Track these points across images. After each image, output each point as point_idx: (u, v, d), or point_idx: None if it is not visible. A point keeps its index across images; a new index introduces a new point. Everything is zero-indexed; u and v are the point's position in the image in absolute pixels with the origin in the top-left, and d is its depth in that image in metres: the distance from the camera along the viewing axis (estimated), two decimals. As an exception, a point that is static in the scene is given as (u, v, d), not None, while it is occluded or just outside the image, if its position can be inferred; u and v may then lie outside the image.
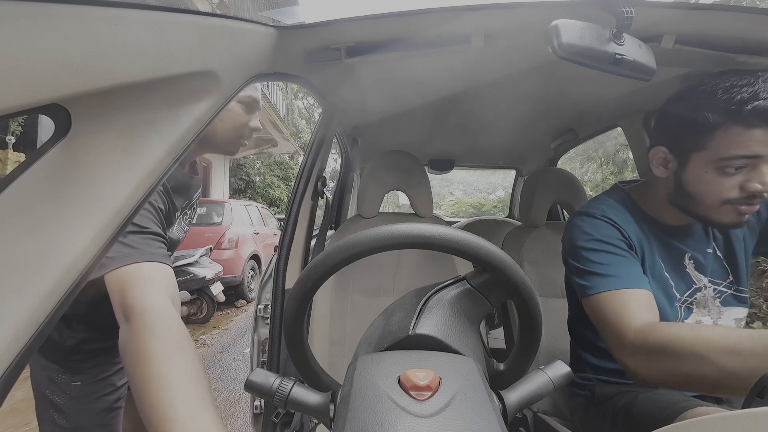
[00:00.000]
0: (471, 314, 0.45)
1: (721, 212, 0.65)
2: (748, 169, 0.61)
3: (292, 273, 1.09)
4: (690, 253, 0.76)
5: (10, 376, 0.30)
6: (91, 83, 0.31)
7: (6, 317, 0.29)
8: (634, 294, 0.65)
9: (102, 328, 0.77)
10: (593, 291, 0.68)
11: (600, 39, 0.50)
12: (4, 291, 0.29)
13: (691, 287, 0.75)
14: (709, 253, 0.77)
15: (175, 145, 0.41)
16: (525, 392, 0.40)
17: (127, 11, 0.33)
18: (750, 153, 0.60)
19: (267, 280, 1.18)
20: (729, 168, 0.62)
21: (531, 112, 1.33)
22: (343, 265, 0.42)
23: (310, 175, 1.13)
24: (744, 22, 0.63)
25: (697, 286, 0.75)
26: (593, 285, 0.69)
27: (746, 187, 0.62)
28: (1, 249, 0.30)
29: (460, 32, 0.66)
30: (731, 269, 0.77)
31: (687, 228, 0.77)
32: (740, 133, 0.60)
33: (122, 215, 0.37)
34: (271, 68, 0.62)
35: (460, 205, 11.83)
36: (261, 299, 1.16)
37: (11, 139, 3.36)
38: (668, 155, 0.70)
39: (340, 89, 1.04)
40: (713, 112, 0.61)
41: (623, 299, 0.65)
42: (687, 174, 0.67)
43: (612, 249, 0.71)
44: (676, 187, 0.70)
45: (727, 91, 0.60)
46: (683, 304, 0.74)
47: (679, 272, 0.76)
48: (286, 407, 0.40)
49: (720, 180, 0.63)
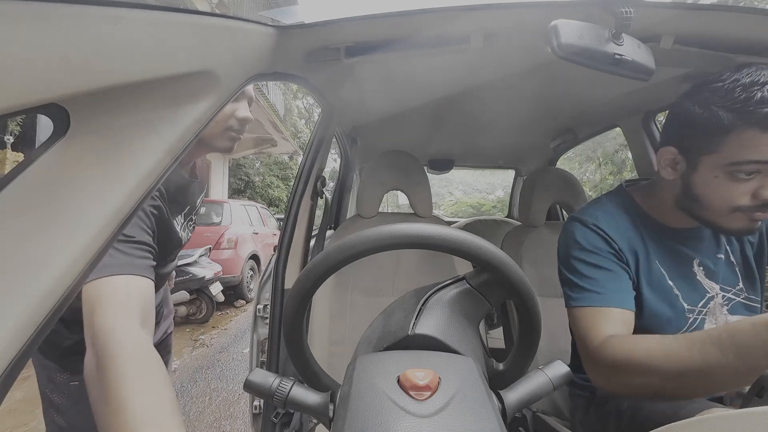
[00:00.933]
0: (470, 314, 0.46)
1: (730, 219, 0.61)
2: (762, 175, 0.57)
3: (291, 273, 1.09)
4: (698, 258, 0.71)
5: (8, 377, 0.29)
6: (90, 83, 0.31)
7: (4, 318, 0.29)
8: (609, 312, 0.66)
9: None
10: (573, 303, 0.70)
11: (599, 39, 0.50)
12: (2, 292, 0.29)
13: (704, 296, 0.70)
14: (720, 258, 0.72)
15: (174, 144, 0.41)
16: (524, 392, 0.40)
17: (127, 11, 0.33)
18: (765, 158, 0.56)
19: (266, 280, 1.18)
20: (741, 173, 0.57)
21: (530, 112, 1.33)
22: (342, 265, 0.42)
23: (309, 175, 1.13)
24: (743, 23, 0.63)
25: (710, 294, 0.70)
26: (574, 297, 0.70)
27: (759, 195, 0.58)
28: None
29: (460, 32, 0.66)
30: (742, 275, 0.73)
31: (695, 232, 0.72)
32: (755, 137, 0.55)
33: (121, 215, 0.37)
34: (271, 68, 0.62)
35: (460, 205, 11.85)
36: (260, 299, 1.16)
37: (9, 139, 3.35)
38: (677, 156, 0.66)
39: (339, 89, 1.04)
40: (728, 112, 0.56)
41: (597, 316, 0.66)
42: (696, 177, 0.63)
43: (599, 261, 0.70)
44: (683, 190, 0.66)
45: (746, 88, 0.55)
46: (698, 315, 0.69)
47: (688, 280, 0.71)
48: (286, 407, 0.40)
49: (731, 186, 0.59)
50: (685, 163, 0.65)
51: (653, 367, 0.54)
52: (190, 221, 0.87)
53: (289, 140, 8.92)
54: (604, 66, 0.51)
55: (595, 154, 6.06)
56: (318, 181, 1.19)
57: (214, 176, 8.05)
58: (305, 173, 1.13)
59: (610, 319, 0.65)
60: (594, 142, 5.56)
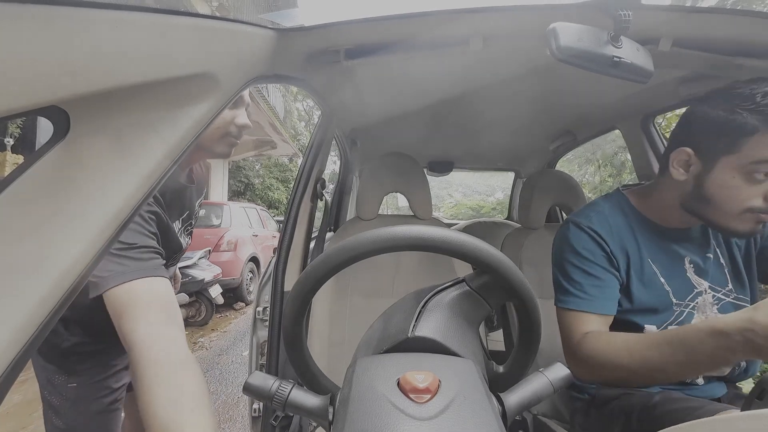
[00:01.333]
0: (470, 316, 0.45)
1: (739, 219, 0.65)
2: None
3: (291, 275, 1.09)
4: (689, 257, 0.76)
5: (6, 380, 0.29)
6: (90, 85, 0.31)
7: (3, 320, 0.29)
8: (588, 316, 0.72)
9: (97, 330, 0.77)
10: (559, 304, 0.77)
11: (598, 42, 0.50)
12: (1, 294, 0.29)
13: (692, 291, 0.75)
14: (709, 257, 0.76)
15: (174, 147, 0.41)
16: (525, 395, 0.40)
17: (127, 14, 0.33)
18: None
19: (266, 283, 1.18)
20: (759, 173, 0.61)
21: (529, 115, 1.33)
22: (342, 267, 0.42)
23: (309, 177, 1.14)
24: (740, 25, 0.64)
25: (698, 290, 0.75)
26: (562, 299, 0.76)
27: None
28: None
29: (459, 35, 0.66)
30: (731, 276, 0.77)
31: (685, 232, 0.77)
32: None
33: (120, 218, 0.37)
34: (270, 70, 0.63)
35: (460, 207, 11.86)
36: (260, 301, 1.15)
37: (9, 141, 3.35)
38: (692, 157, 0.68)
39: (338, 91, 1.04)
40: (752, 114, 0.60)
41: (578, 318, 0.73)
42: (711, 178, 0.66)
43: (588, 268, 0.75)
44: (693, 191, 0.69)
45: (766, 95, 0.59)
46: (686, 308, 0.74)
47: (679, 276, 0.76)
48: (285, 410, 0.39)
49: (746, 186, 0.62)
50: (701, 164, 0.67)
51: (620, 363, 0.63)
52: (188, 226, 0.87)
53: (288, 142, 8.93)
54: (603, 68, 0.51)
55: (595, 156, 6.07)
56: (318, 183, 1.19)
57: (213, 178, 8.05)
58: (305, 175, 1.13)
59: (589, 322, 0.72)
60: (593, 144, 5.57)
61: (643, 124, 1.18)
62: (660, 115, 1.18)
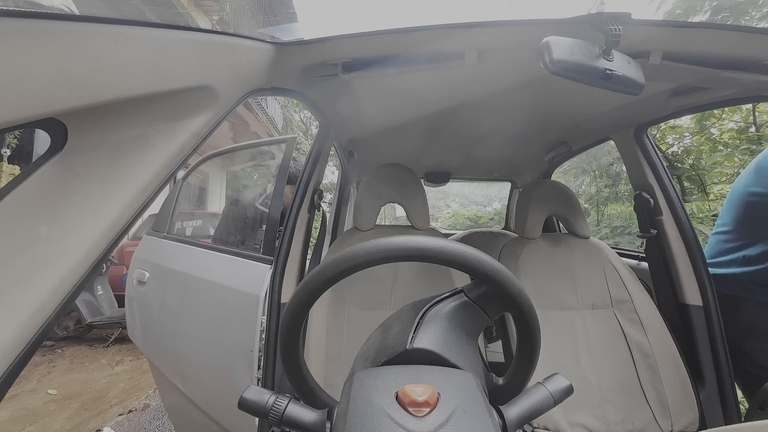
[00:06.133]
0: (469, 327, 0.45)
1: None
2: None
3: (287, 287, 1.08)
4: None
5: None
6: (88, 98, 0.31)
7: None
8: None
9: None
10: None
11: (590, 55, 0.51)
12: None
13: None
14: None
15: (171, 158, 0.41)
16: (525, 407, 0.40)
17: (127, 28, 0.33)
18: None
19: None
20: None
21: (525, 126, 1.35)
22: (339, 279, 0.41)
23: (306, 188, 1.14)
24: (728, 39, 0.65)
25: None
26: None
27: None
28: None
29: (454, 49, 0.68)
30: None
31: None
32: None
33: (116, 229, 0.37)
34: (269, 83, 0.63)
35: (457, 218, 11.87)
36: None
37: (6, 152, 3.34)
38: None
39: (336, 103, 1.05)
40: None
41: None
42: None
43: None
44: None
45: None
46: None
47: None
48: (281, 425, 0.39)
49: None
50: None
51: None
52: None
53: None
54: (595, 81, 0.52)
55: (590, 167, 6.14)
56: (315, 194, 1.19)
57: (211, 188, 8.05)
58: (302, 187, 1.13)
59: None
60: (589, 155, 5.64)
61: (636, 134, 1.20)
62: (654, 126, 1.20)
